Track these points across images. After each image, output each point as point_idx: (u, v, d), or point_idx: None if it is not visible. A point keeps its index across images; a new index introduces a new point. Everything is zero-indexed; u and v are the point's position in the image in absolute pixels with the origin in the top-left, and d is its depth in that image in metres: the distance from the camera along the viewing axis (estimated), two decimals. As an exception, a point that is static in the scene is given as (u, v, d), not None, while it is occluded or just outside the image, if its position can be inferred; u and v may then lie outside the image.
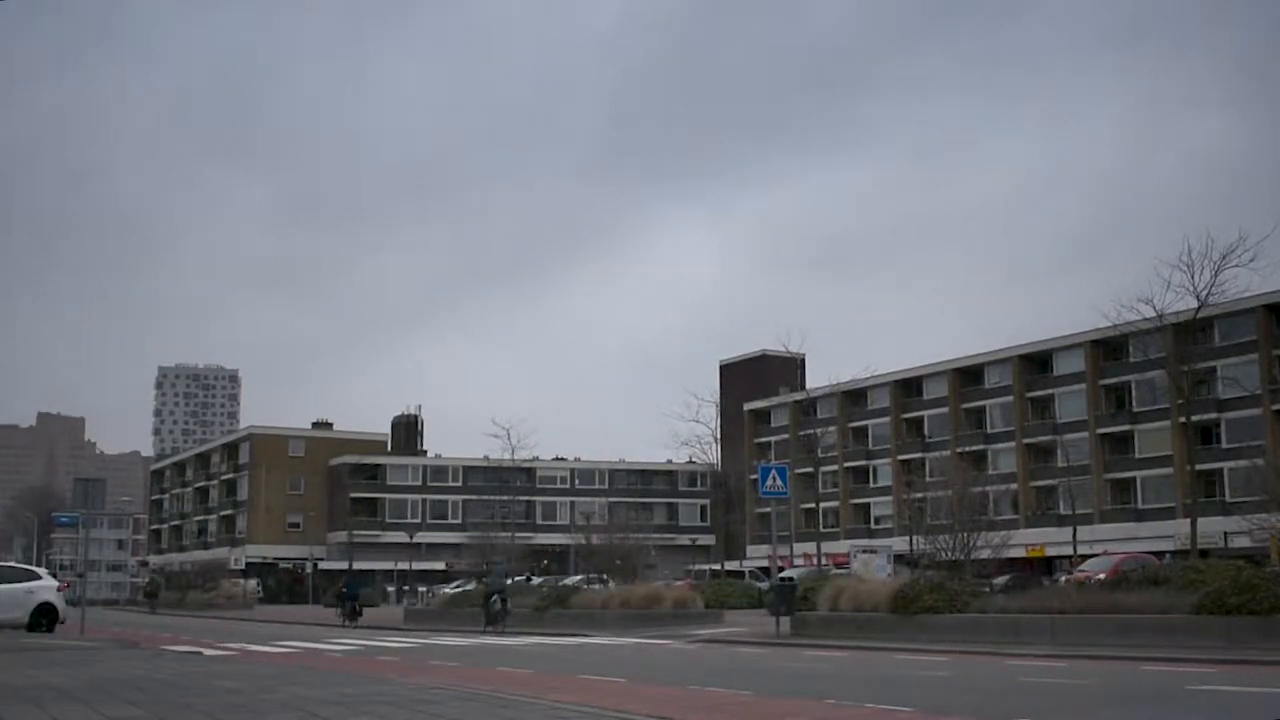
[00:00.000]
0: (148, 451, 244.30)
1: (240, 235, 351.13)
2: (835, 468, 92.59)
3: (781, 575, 35.91)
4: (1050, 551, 70.99)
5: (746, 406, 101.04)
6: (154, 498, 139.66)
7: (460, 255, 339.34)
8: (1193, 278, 42.29)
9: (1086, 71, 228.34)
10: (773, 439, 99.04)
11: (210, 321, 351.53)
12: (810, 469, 75.14)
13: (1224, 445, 71.08)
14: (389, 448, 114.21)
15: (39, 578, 29.18)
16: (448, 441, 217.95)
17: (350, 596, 45.28)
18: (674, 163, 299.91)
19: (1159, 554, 51.60)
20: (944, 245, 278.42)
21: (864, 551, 47.82)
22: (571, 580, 52.86)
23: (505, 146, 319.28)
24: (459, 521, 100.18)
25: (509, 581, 41.40)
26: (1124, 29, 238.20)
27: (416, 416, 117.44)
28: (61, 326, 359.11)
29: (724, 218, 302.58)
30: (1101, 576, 33.51)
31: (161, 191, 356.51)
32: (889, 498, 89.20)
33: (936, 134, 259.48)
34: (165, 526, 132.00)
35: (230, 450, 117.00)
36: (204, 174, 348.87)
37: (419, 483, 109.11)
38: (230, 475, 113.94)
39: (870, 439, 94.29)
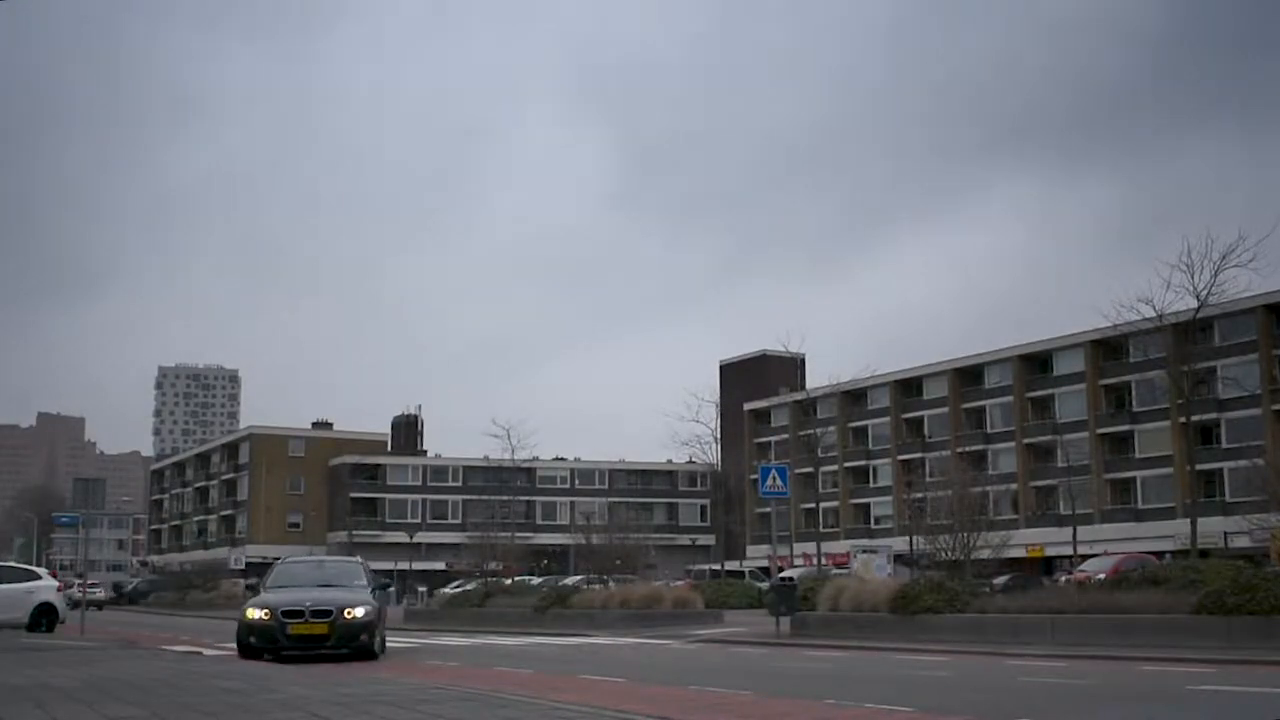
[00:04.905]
0: (148, 451, 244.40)
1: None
2: (835, 468, 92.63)
3: (781, 575, 35.95)
4: (1050, 551, 70.97)
5: (746, 406, 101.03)
6: (154, 498, 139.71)
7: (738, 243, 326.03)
8: (1193, 278, 42.03)
9: None
10: (773, 439, 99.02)
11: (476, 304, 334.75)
12: (810, 469, 74.99)
13: (1224, 445, 71.06)
14: (389, 448, 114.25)
15: (39, 578, 29.20)
16: (450, 441, 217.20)
17: None
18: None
19: (1159, 554, 51.60)
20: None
21: (864, 551, 47.85)
22: (571, 580, 52.82)
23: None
24: (459, 521, 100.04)
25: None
26: None
27: (416, 416, 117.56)
28: (62, 326, 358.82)
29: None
30: (1101, 576, 33.56)
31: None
32: (889, 498, 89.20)
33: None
34: (165, 526, 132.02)
35: (230, 450, 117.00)
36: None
37: (419, 483, 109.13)
38: (230, 475, 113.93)
39: (870, 439, 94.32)
